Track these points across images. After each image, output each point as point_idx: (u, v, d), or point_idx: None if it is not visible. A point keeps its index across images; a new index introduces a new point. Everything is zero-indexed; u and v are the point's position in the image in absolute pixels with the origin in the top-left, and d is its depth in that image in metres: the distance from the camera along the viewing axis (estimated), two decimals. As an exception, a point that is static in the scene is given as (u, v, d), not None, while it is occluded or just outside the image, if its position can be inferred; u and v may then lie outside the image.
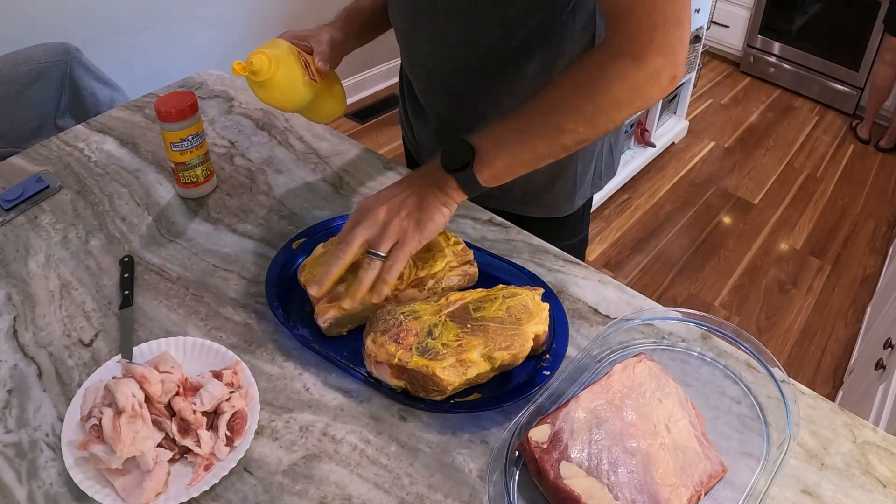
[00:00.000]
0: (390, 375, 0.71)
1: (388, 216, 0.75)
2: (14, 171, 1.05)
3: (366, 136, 3.06)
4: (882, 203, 3.03)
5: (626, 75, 0.70)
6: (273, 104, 0.86)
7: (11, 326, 0.80)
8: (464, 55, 0.91)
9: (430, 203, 0.76)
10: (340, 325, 0.78)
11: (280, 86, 0.83)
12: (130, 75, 2.07)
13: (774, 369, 0.73)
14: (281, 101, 0.86)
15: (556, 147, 0.75)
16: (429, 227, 0.76)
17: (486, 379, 0.73)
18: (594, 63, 0.73)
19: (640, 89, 0.71)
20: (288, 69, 0.83)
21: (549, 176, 1.00)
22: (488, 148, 0.75)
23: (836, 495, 0.66)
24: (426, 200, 0.76)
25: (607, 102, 0.72)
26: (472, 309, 0.74)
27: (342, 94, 0.98)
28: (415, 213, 0.76)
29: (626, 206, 2.88)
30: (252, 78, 0.81)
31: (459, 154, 0.76)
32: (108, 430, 0.62)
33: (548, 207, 1.04)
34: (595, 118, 0.73)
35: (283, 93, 0.84)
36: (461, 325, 0.72)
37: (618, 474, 0.62)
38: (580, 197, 1.05)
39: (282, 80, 0.83)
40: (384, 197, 0.77)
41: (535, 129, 0.75)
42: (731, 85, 3.91)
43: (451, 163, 0.76)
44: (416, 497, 0.65)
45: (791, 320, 2.41)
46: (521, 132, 0.75)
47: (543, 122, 0.74)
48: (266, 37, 0.85)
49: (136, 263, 0.89)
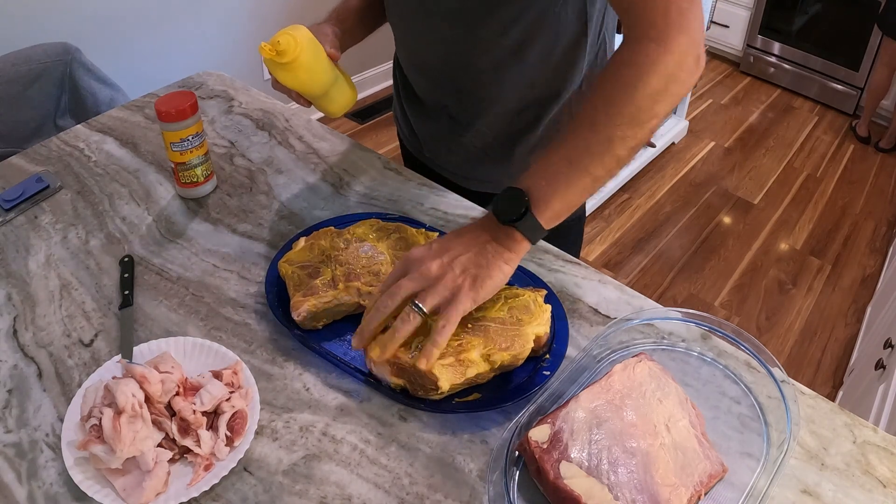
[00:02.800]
0: (390, 374, 0.71)
1: (440, 270, 0.69)
2: (14, 171, 1.05)
3: (366, 136, 3.06)
4: (882, 203, 3.03)
5: (655, 60, 0.68)
6: (297, 87, 0.87)
7: (11, 326, 0.80)
8: (466, 53, 0.92)
9: (490, 260, 0.70)
10: (316, 319, 0.78)
11: (305, 67, 0.84)
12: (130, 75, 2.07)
13: (774, 369, 0.73)
14: (305, 83, 0.87)
15: (611, 162, 0.70)
16: (486, 285, 0.69)
17: (485, 379, 0.73)
18: (619, 61, 0.71)
19: (674, 75, 0.69)
20: (313, 50, 0.84)
21: None
22: (541, 187, 0.70)
23: (836, 495, 0.66)
24: (484, 257, 0.70)
25: (645, 96, 0.69)
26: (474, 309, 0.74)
27: (353, 84, 0.99)
28: (471, 270, 0.69)
29: (626, 206, 2.88)
30: (278, 60, 0.81)
31: (513, 203, 0.70)
32: (108, 430, 0.62)
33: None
34: (638, 116, 0.69)
35: (308, 74, 0.85)
36: (462, 325, 0.72)
37: (618, 474, 0.62)
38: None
39: (307, 61, 0.83)
40: (437, 250, 0.70)
41: (583, 150, 0.70)
42: (731, 85, 3.90)
43: (507, 214, 0.70)
44: (416, 497, 0.65)
45: (791, 320, 2.41)
46: (570, 159, 0.70)
47: (589, 140, 0.70)
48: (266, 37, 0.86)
49: (136, 263, 0.89)
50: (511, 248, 0.71)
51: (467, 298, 0.68)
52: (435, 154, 1.11)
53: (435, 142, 1.09)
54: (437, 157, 1.11)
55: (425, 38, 0.95)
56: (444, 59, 0.96)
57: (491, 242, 0.71)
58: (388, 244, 0.84)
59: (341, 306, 0.79)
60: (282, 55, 0.81)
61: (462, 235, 0.72)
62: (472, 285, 0.68)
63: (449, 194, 1.03)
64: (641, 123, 0.70)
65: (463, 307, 0.68)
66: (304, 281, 0.79)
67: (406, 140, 1.17)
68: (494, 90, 0.95)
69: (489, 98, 0.97)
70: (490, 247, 0.70)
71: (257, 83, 2.71)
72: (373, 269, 0.80)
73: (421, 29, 0.95)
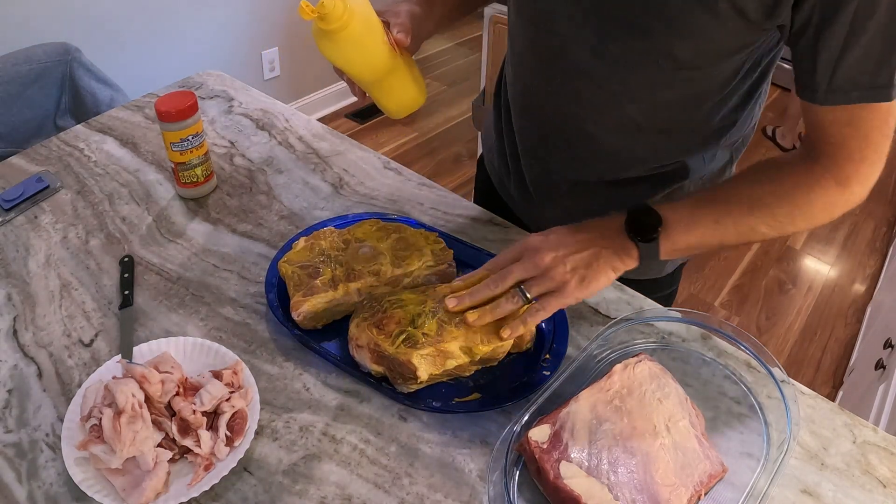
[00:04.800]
0: (370, 360, 0.72)
1: (552, 263, 0.71)
2: (14, 171, 1.05)
3: (366, 136, 3.06)
4: (882, 203, 3.02)
5: (827, 197, 0.71)
6: (342, 65, 0.73)
7: (11, 326, 0.80)
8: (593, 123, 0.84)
9: (601, 265, 0.72)
10: (316, 319, 0.78)
11: (354, 39, 0.69)
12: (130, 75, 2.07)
13: (774, 369, 0.73)
14: (353, 61, 0.72)
15: (742, 242, 0.75)
16: (592, 286, 0.71)
17: (467, 371, 0.74)
18: (800, 179, 0.73)
19: (834, 211, 0.72)
20: (366, 21, 0.69)
21: None
22: (678, 224, 0.72)
23: (836, 495, 0.66)
24: (598, 260, 0.72)
25: (802, 216, 0.73)
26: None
27: (422, 81, 0.83)
28: (581, 270, 0.71)
29: (626, 206, 2.88)
30: (321, 25, 0.67)
31: (650, 223, 0.72)
32: (108, 430, 0.62)
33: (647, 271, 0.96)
34: (786, 227, 0.73)
35: (356, 49, 0.71)
36: (445, 317, 0.72)
37: (618, 474, 0.62)
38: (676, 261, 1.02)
39: (357, 32, 0.68)
40: (554, 243, 0.72)
41: (729, 221, 0.73)
42: (731, 85, 3.90)
43: (639, 231, 0.72)
44: (416, 497, 0.65)
45: (791, 320, 2.41)
46: (716, 220, 0.73)
47: (739, 218, 0.73)
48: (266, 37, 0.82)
49: (136, 263, 0.89)
50: (623, 260, 0.73)
51: (571, 295, 0.71)
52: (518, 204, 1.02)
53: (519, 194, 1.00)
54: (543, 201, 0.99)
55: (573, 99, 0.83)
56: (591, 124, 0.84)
57: (607, 249, 0.72)
58: (388, 244, 0.84)
59: (341, 306, 0.79)
60: (325, 20, 0.66)
61: (582, 232, 0.74)
62: (579, 285, 0.71)
63: (449, 194, 1.03)
64: (784, 233, 0.74)
65: (565, 302, 0.71)
66: (304, 281, 0.79)
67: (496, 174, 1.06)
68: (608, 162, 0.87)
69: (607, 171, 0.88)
70: (605, 252, 0.72)
71: (257, 83, 2.71)
72: (373, 269, 0.80)
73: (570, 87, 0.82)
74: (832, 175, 0.71)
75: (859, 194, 0.72)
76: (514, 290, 0.71)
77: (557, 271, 0.70)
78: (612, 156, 0.87)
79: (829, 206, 0.72)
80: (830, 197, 0.71)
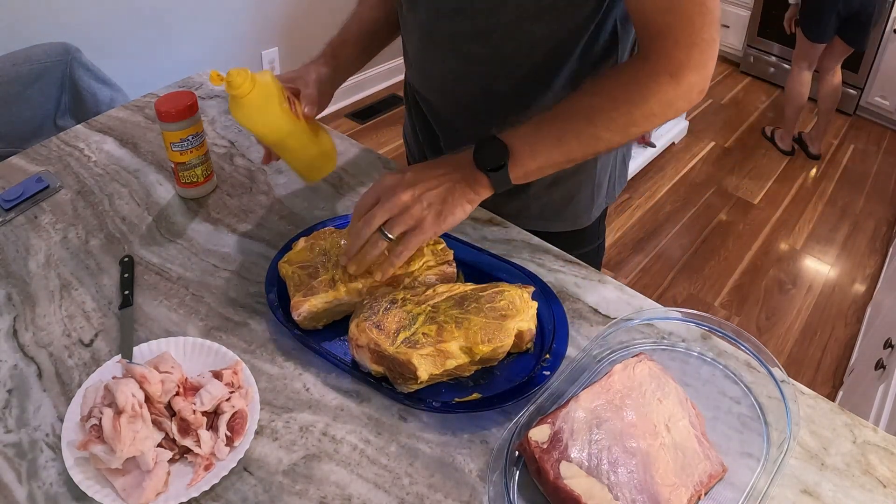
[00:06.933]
0: (370, 360, 0.72)
1: (410, 200, 0.75)
2: (14, 171, 1.05)
3: (366, 136, 3.06)
4: (882, 203, 3.02)
5: (663, 91, 0.73)
6: (248, 126, 0.82)
7: (11, 326, 0.80)
8: (488, 75, 0.89)
9: (456, 199, 0.76)
10: (316, 319, 0.78)
11: (257, 105, 0.79)
12: (130, 75, 2.07)
13: (774, 369, 0.73)
14: (256, 123, 0.81)
15: (589, 153, 0.79)
16: (448, 220, 0.76)
17: (467, 371, 0.74)
18: (632, 77, 0.75)
19: (673, 103, 0.74)
20: (266, 91, 0.79)
21: (568, 192, 1.00)
22: (523, 149, 0.76)
23: (836, 495, 0.66)
24: (453, 194, 0.76)
25: (642, 115, 0.75)
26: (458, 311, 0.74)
27: (332, 148, 0.94)
28: (437, 205, 0.75)
29: (626, 206, 2.88)
30: (228, 91, 0.78)
31: (495, 154, 0.76)
32: (108, 430, 0.62)
33: (567, 221, 1.04)
34: (628, 128, 0.76)
35: (258, 113, 0.80)
36: (445, 317, 0.72)
37: (618, 474, 0.62)
38: (597, 208, 1.05)
39: (257, 99, 0.79)
40: (409, 180, 0.76)
41: (571, 136, 0.76)
42: (731, 85, 3.91)
43: (487, 162, 0.76)
44: (416, 497, 0.65)
45: (791, 320, 2.41)
46: (558, 138, 0.76)
47: (580, 130, 0.76)
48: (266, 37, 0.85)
49: (136, 263, 0.89)
50: (477, 191, 0.77)
51: (430, 231, 0.75)
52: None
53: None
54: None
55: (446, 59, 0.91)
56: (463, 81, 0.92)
57: (460, 182, 0.76)
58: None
59: (341, 306, 0.79)
60: (231, 87, 0.77)
61: (435, 168, 0.78)
62: (436, 220, 0.75)
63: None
64: (628, 135, 0.77)
65: (424, 237, 0.76)
66: (304, 281, 0.79)
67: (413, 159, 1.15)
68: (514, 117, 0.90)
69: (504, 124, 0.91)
70: (459, 186, 0.76)
71: (257, 83, 2.71)
72: (372, 269, 0.80)
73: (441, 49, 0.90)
74: (663, 68, 0.73)
75: (698, 84, 0.74)
76: (376, 233, 0.76)
77: (415, 209, 0.75)
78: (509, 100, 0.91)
79: (666, 101, 0.74)
80: (665, 92, 0.73)
